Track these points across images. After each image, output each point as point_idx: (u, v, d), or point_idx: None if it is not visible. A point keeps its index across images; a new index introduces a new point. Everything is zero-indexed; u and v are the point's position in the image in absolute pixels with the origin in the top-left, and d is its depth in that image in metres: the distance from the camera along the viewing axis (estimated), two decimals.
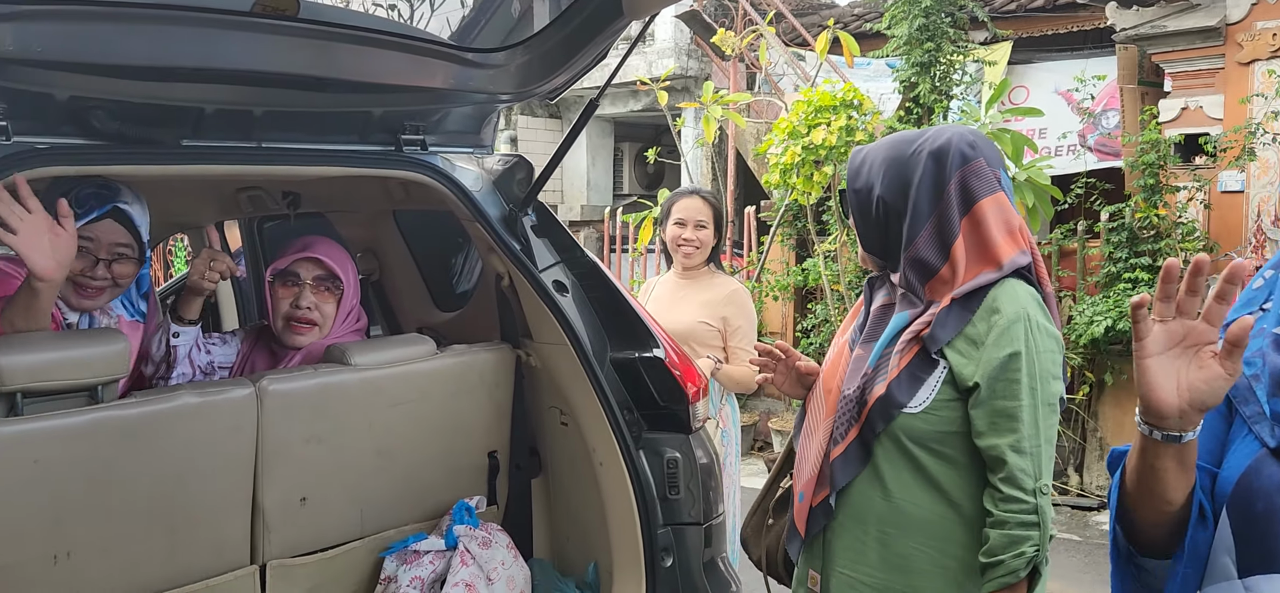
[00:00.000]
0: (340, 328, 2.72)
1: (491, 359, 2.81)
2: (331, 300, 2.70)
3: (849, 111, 6.72)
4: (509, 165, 2.82)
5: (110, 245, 2.38)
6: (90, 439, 2.10)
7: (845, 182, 2.11)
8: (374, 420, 2.56)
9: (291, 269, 2.69)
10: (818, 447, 2.07)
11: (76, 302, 2.38)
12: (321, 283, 2.70)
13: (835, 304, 7.52)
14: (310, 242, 2.75)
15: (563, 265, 2.77)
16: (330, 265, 2.69)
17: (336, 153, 2.51)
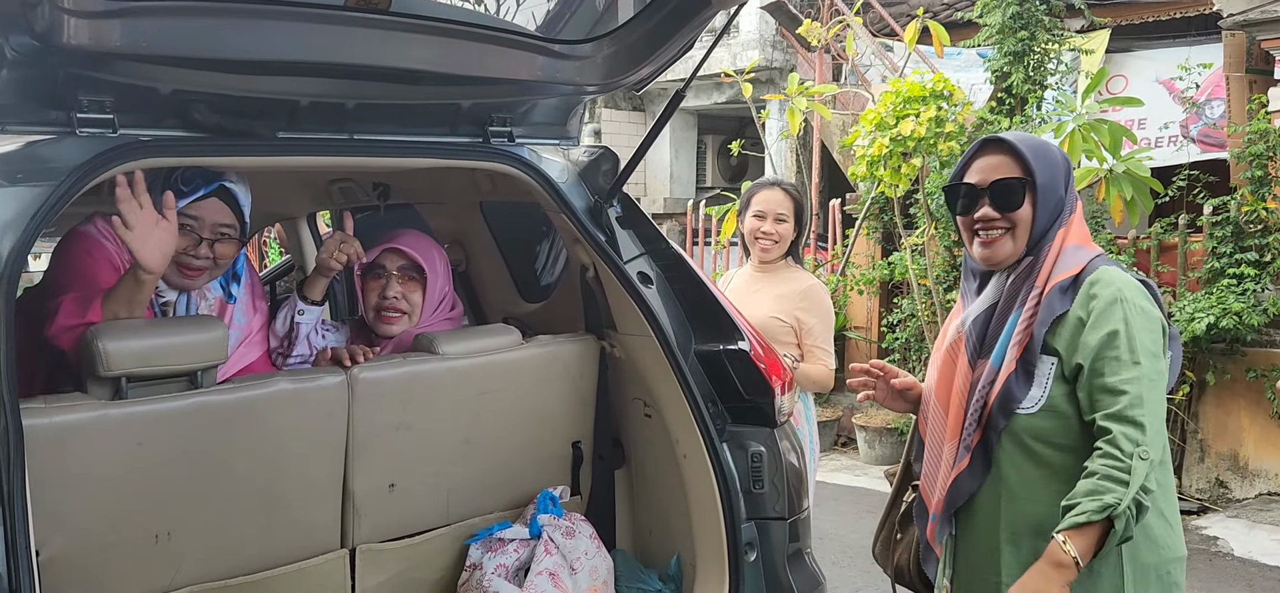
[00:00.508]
0: (432, 317, 2.77)
1: (576, 350, 2.82)
2: (417, 290, 2.75)
3: (939, 102, 6.58)
4: (594, 157, 2.82)
5: (214, 226, 2.43)
6: (191, 423, 2.16)
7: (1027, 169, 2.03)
8: (460, 409, 2.59)
9: (378, 262, 2.75)
10: (945, 465, 2.08)
11: (177, 281, 2.43)
12: (407, 273, 2.75)
13: (922, 299, 7.38)
14: (396, 234, 2.80)
15: (647, 257, 2.76)
16: (413, 255, 2.73)
17: (425, 144, 2.55)
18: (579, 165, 2.81)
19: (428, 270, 2.75)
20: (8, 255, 1.88)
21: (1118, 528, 1.79)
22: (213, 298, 2.54)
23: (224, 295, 2.56)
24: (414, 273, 2.75)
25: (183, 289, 2.46)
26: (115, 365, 2.05)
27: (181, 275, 2.43)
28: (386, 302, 2.71)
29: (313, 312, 2.66)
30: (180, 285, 2.44)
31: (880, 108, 6.70)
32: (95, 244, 2.38)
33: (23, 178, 1.97)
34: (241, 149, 2.26)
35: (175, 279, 2.43)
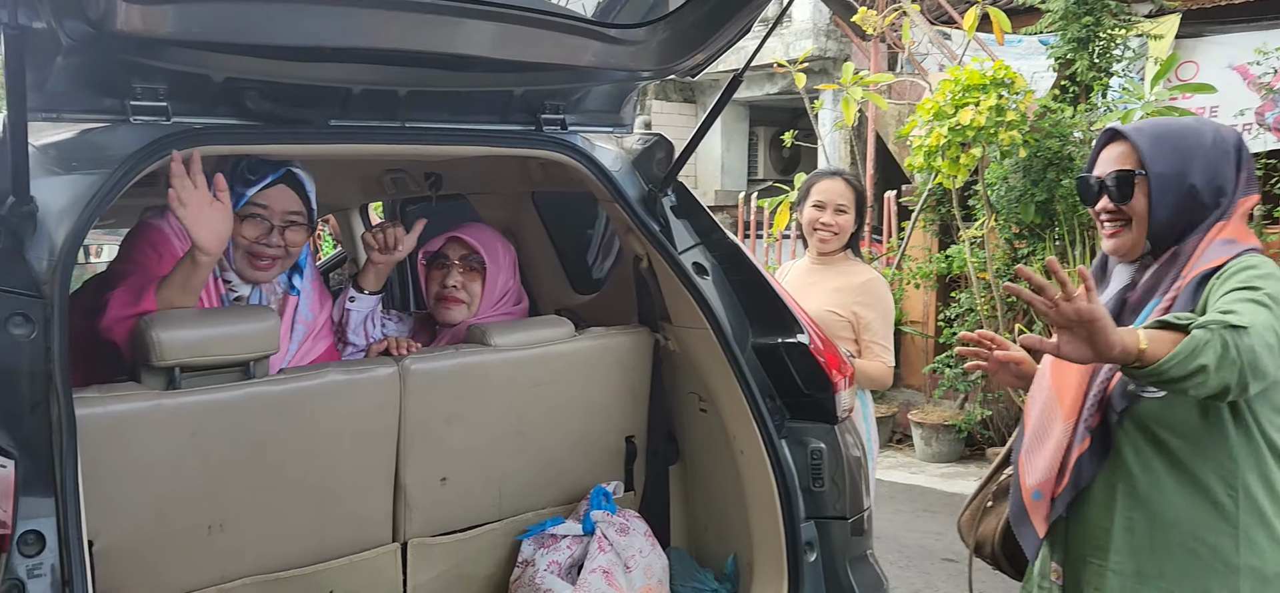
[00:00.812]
0: (493, 308, 2.75)
1: (629, 342, 2.76)
2: (478, 280, 2.74)
3: (999, 91, 6.42)
4: (648, 145, 2.76)
5: (283, 213, 2.41)
6: (243, 413, 2.14)
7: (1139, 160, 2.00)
8: (513, 401, 2.55)
9: (441, 251, 2.76)
10: (1055, 444, 2.01)
11: (249, 274, 2.42)
12: (468, 263, 2.73)
13: (981, 293, 7.21)
14: (462, 224, 2.81)
15: (703, 247, 2.70)
16: (474, 244, 2.71)
17: (478, 132, 2.51)
18: (633, 154, 2.75)
19: (488, 261, 2.73)
20: (62, 244, 1.87)
21: (1198, 341, 1.67)
22: (280, 291, 2.52)
23: (287, 288, 2.54)
24: (475, 263, 2.74)
25: (255, 282, 2.44)
26: (169, 355, 2.04)
27: (253, 267, 2.41)
28: (446, 291, 2.70)
29: (365, 301, 2.64)
30: (252, 278, 2.43)
31: (939, 97, 6.55)
32: (160, 235, 2.37)
33: (77, 166, 1.96)
34: (294, 137, 2.23)
35: (247, 272, 2.41)
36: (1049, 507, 2.04)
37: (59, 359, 1.75)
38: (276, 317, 2.21)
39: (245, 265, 2.40)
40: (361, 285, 2.64)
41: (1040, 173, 6.84)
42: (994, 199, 7.02)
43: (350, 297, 2.63)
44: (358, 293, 2.63)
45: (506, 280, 2.79)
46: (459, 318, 2.71)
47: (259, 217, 2.38)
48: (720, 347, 2.57)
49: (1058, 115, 6.83)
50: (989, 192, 6.98)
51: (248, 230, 2.37)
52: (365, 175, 3.94)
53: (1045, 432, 2.05)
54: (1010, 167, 6.95)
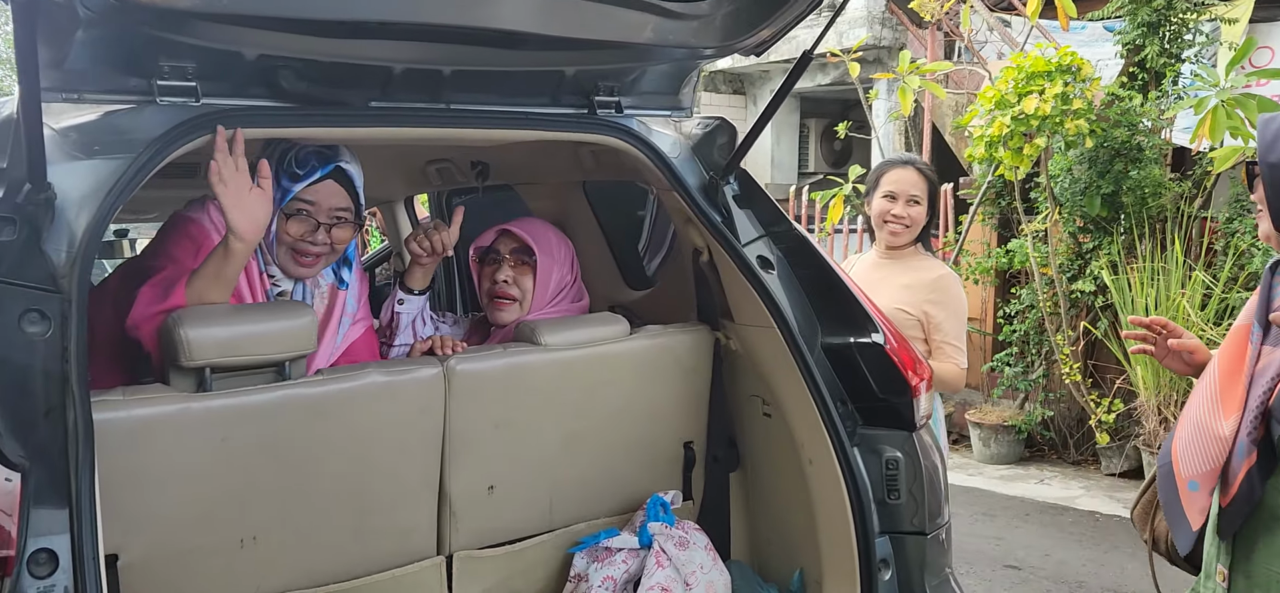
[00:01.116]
0: (549, 305, 2.59)
1: (688, 341, 2.58)
2: (529, 275, 2.59)
3: (1065, 78, 6.15)
4: (709, 129, 2.58)
5: (330, 210, 2.27)
6: (278, 418, 2.00)
7: (1256, 152, 1.95)
8: (564, 404, 2.38)
9: (493, 245, 2.62)
10: (1220, 440, 1.94)
11: (294, 270, 2.29)
12: (518, 257, 2.58)
13: (1043, 289, 6.93)
14: (518, 220, 2.67)
15: (767, 239, 2.51)
16: (522, 237, 2.55)
17: (527, 115, 2.34)
18: (692, 139, 2.57)
19: (539, 253, 2.57)
20: (82, 235, 1.72)
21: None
22: (325, 285, 2.39)
23: (336, 281, 2.41)
24: (525, 257, 2.58)
25: (298, 278, 2.31)
26: (198, 355, 1.89)
27: (297, 264, 2.29)
28: (497, 287, 2.54)
29: (413, 301, 2.50)
30: (296, 274, 2.30)
31: (1001, 85, 6.29)
32: (199, 229, 2.23)
33: (99, 150, 1.81)
34: (332, 119, 2.08)
35: (291, 268, 2.29)
36: (1208, 501, 1.98)
37: (76, 360, 1.60)
38: (313, 313, 2.06)
39: (289, 261, 2.27)
40: (409, 285, 2.50)
41: (1107, 164, 6.56)
42: (1058, 191, 6.75)
43: (398, 299, 2.49)
44: (406, 294, 2.49)
45: (562, 275, 2.62)
46: (511, 316, 2.55)
47: (305, 213, 2.24)
48: (787, 346, 2.38)
49: (1126, 104, 6.54)
50: (1052, 183, 6.70)
51: (293, 227, 2.24)
52: (409, 166, 3.80)
53: (1206, 426, 1.96)
54: (1075, 158, 6.68)
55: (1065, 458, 7.16)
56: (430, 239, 2.42)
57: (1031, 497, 6.39)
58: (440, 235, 2.42)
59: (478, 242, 2.64)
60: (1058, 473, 6.93)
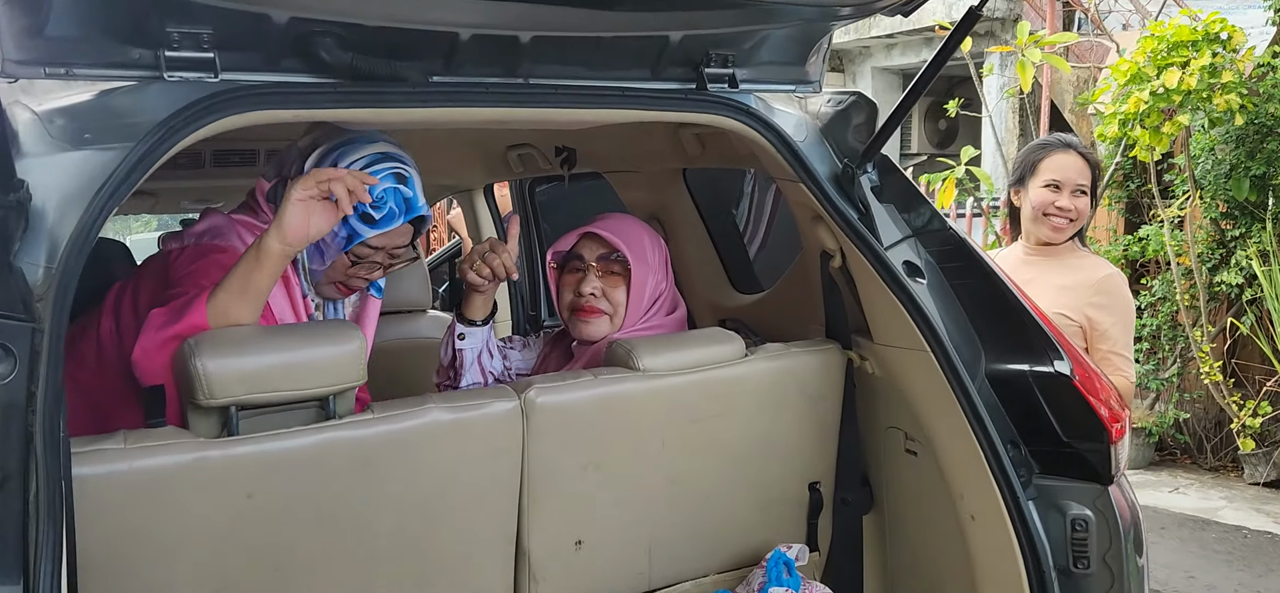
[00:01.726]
0: (641, 319, 2.17)
1: (815, 363, 2.13)
2: (621, 284, 2.17)
3: (1213, 47, 5.49)
4: (842, 107, 2.12)
5: (393, 250, 1.97)
6: (319, 467, 1.62)
7: None
8: (667, 441, 1.96)
9: (574, 251, 2.20)
10: None
11: (328, 293, 2.00)
12: (607, 264, 2.16)
13: (1180, 279, 6.26)
14: (599, 217, 2.24)
15: (916, 240, 2.06)
16: (613, 241, 2.13)
17: (622, 92, 1.91)
18: (822, 119, 2.12)
19: (633, 260, 2.15)
20: (65, 246, 1.36)
21: None
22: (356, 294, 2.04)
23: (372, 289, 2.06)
24: (616, 264, 2.16)
25: (331, 298, 2.02)
26: (220, 391, 1.52)
27: (338, 291, 1.99)
28: (582, 300, 2.13)
29: (476, 333, 2.11)
30: (332, 297, 2.01)
31: (1137, 56, 5.66)
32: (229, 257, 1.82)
33: (91, 139, 1.45)
34: (383, 99, 1.69)
35: (329, 292, 2.00)
36: None
37: (45, 410, 1.24)
38: (361, 338, 1.67)
39: (329, 289, 1.98)
40: (469, 316, 2.11)
41: (1257, 143, 5.87)
42: (1198, 174, 6.08)
43: (459, 334, 2.10)
44: (467, 327, 2.10)
45: (657, 283, 2.20)
46: (599, 333, 2.14)
47: (367, 258, 1.95)
48: (942, 372, 1.92)
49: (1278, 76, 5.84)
50: (1193, 165, 6.04)
51: (352, 269, 1.95)
52: (489, 152, 3.42)
53: None
54: (1220, 136, 6.00)
55: (1201, 464, 6.53)
56: (489, 264, 2.02)
57: (1166, 507, 5.79)
58: (500, 258, 2.01)
59: (557, 246, 2.23)
60: (1194, 480, 6.30)
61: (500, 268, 2.02)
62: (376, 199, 1.88)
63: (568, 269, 2.20)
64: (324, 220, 1.65)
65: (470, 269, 2.04)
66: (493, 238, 2.07)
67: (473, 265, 2.04)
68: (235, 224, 1.90)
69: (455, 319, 2.12)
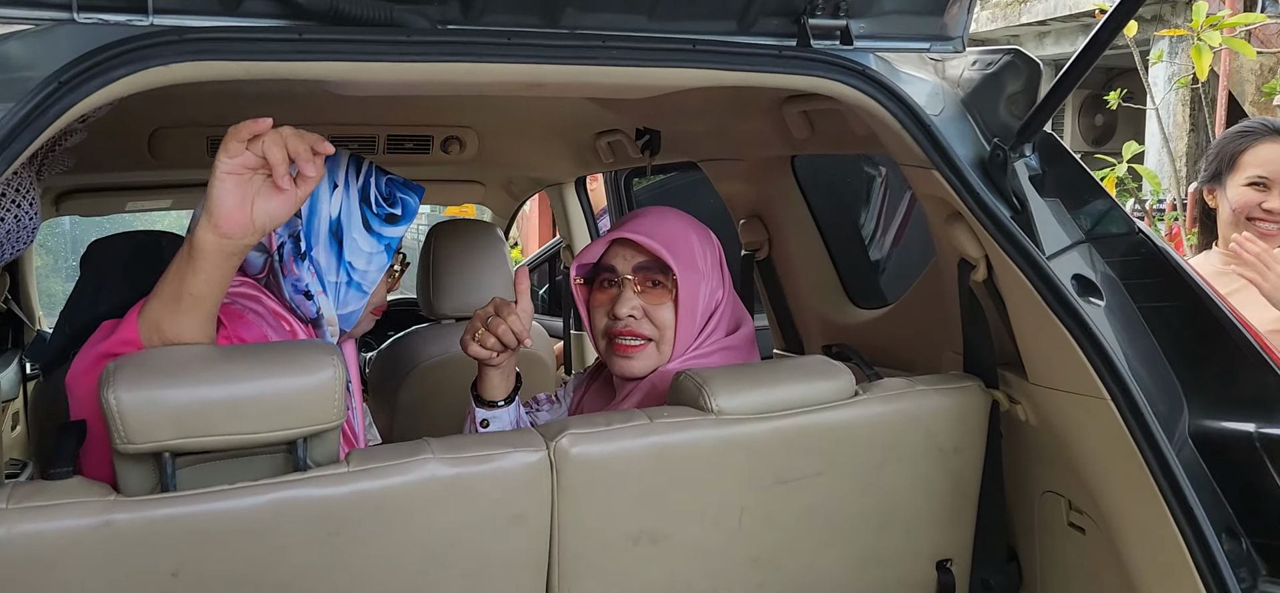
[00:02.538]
0: (695, 344, 1.70)
1: (949, 406, 1.63)
2: (667, 300, 1.69)
3: None
4: (991, 70, 1.61)
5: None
6: (271, 536, 1.23)
7: None
8: (748, 507, 1.49)
9: (603, 262, 1.72)
10: None
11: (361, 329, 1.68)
12: (647, 275, 1.69)
13: None
14: (631, 216, 1.76)
15: (1091, 247, 1.55)
16: (650, 246, 1.66)
17: (695, 47, 1.46)
18: (965, 86, 1.62)
19: (677, 267, 1.67)
20: None
21: None
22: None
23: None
24: (658, 274, 1.70)
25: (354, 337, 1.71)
26: (140, 433, 1.15)
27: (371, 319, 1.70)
28: (620, 325, 1.67)
29: (502, 414, 1.66)
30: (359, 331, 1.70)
31: None
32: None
33: None
34: (376, 50, 1.28)
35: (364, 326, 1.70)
36: None
37: None
38: (341, 361, 1.28)
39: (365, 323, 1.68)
40: (488, 397, 1.66)
41: None
42: None
43: (480, 420, 1.67)
44: (489, 410, 1.66)
45: (712, 292, 1.72)
46: (644, 367, 1.68)
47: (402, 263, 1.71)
48: (1125, 426, 1.41)
49: None
50: None
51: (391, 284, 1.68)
52: (578, 141, 3.02)
53: None
54: None
55: None
56: (493, 332, 1.58)
57: None
58: (507, 324, 1.57)
59: (581, 257, 1.76)
60: None
61: (508, 337, 1.57)
62: (386, 194, 1.57)
63: (598, 285, 1.74)
64: (275, 204, 1.23)
65: (472, 340, 1.60)
66: (498, 298, 1.61)
67: (474, 335, 1.59)
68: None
69: (473, 402, 1.70)
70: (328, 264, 1.53)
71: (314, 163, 1.23)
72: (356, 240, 1.54)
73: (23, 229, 1.40)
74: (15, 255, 1.43)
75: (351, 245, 1.54)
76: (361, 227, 1.54)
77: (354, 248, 1.54)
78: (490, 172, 3.56)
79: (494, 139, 3.01)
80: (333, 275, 1.54)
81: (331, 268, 1.54)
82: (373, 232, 1.55)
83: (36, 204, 1.42)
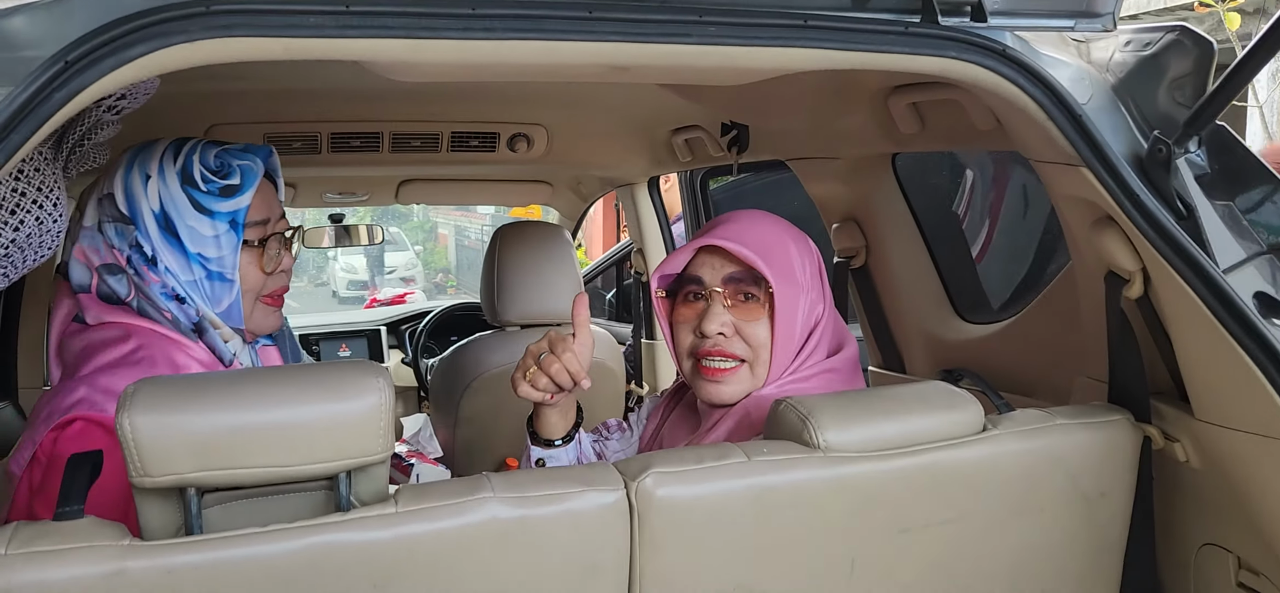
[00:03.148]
0: (792, 370, 1.49)
1: (1094, 443, 1.40)
2: (761, 315, 1.47)
3: None
4: (1150, 52, 1.38)
5: (278, 220, 1.52)
6: (311, 588, 1.05)
7: None
8: (860, 559, 1.28)
9: (689, 273, 1.51)
10: None
11: (265, 324, 1.51)
12: (736, 287, 1.48)
13: None
14: (720, 220, 1.53)
15: (1274, 260, 1.30)
16: (743, 255, 1.45)
17: (805, 23, 1.25)
18: (1117, 71, 1.39)
19: (775, 279, 1.46)
20: None
21: None
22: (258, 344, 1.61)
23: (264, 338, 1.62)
24: (751, 286, 1.48)
25: (268, 331, 1.53)
26: (158, 465, 0.99)
27: (271, 312, 1.52)
28: (709, 345, 1.46)
29: (560, 454, 1.47)
30: (271, 330, 1.53)
31: None
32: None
33: None
34: (434, 25, 1.10)
35: (266, 323, 1.52)
36: None
37: None
38: (389, 382, 1.10)
39: (263, 317, 1.50)
40: (544, 436, 1.47)
41: None
42: None
43: (535, 460, 1.47)
44: (545, 449, 1.47)
45: (812, 306, 1.50)
46: (736, 393, 1.47)
47: (273, 235, 1.50)
48: None
49: None
50: None
51: (268, 264, 1.48)
52: (652, 137, 2.83)
53: None
54: None
55: None
56: (546, 371, 1.37)
57: None
58: (562, 361, 1.36)
59: (663, 267, 1.55)
60: None
61: (563, 376, 1.37)
62: (217, 168, 1.43)
63: (683, 298, 1.52)
64: None
65: (523, 379, 1.40)
66: (553, 333, 1.41)
67: (526, 373, 1.39)
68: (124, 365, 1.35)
69: (529, 440, 1.50)
70: (178, 263, 1.39)
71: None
72: (194, 228, 1.39)
73: (46, 233, 1.25)
74: (38, 262, 1.28)
75: (191, 234, 1.39)
76: (193, 210, 1.39)
77: (194, 236, 1.39)
78: (558, 171, 3.39)
79: (564, 136, 2.83)
80: (187, 273, 1.39)
81: (183, 265, 1.39)
82: (208, 212, 1.40)
83: (62, 205, 1.27)
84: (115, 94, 1.27)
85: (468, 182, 3.46)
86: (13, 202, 1.20)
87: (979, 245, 2.43)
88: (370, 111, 2.53)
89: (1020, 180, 2.43)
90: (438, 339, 4.15)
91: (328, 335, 4.29)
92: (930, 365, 2.12)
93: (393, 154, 2.78)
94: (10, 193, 1.19)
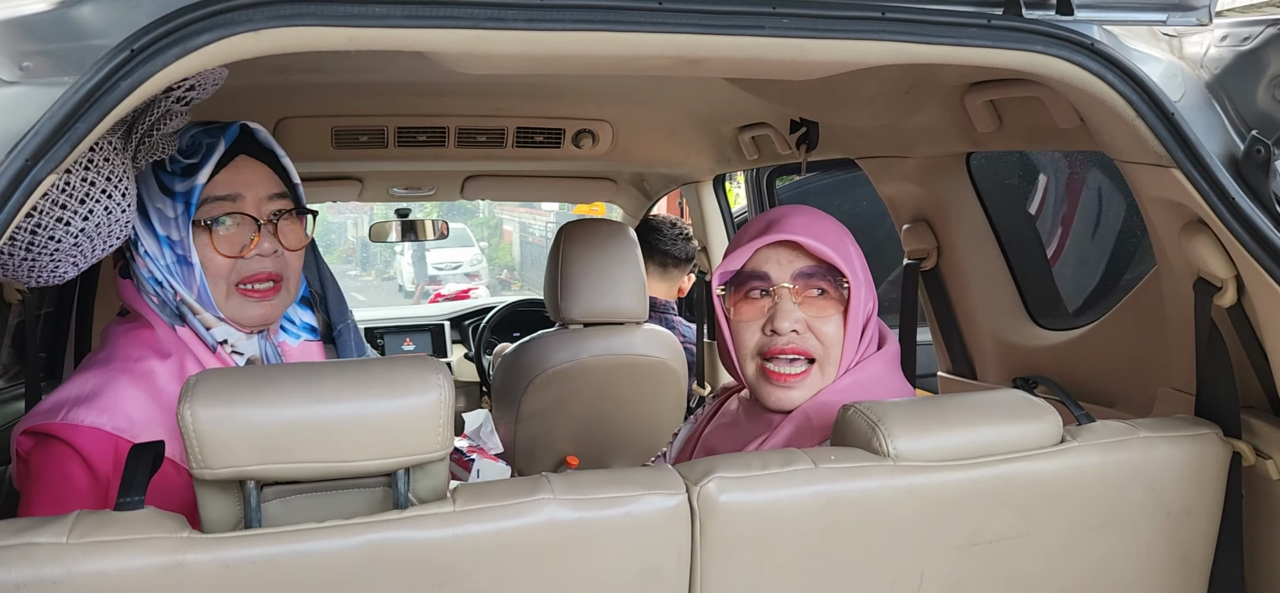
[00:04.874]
0: (854, 372, 1.44)
1: (1179, 457, 1.33)
2: (834, 312, 1.43)
3: None
4: (1248, 48, 1.31)
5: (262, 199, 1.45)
6: (369, 585, 1.04)
7: None
8: (929, 573, 1.24)
9: (751, 269, 1.46)
10: None
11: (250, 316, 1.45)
12: (807, 283, 1.43)
13: None
14: (780, 215, 1.47)
15: None
16: (816, 250, 1.41)
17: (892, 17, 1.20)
18: (1210, 67, 1.32)
19: (848, 273, 1.42)
20: None
21: None
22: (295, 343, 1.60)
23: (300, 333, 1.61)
24: (823, 281, 1.43)
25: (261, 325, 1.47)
26: (218, 457, 0.99)
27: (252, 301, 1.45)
28: (779, 342, 1.42)
29: None
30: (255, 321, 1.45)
31: None
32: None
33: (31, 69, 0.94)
34: (500, 16, 1.08)
35: (244, 313, 1.44)
36: None
37: None
38: (449, 379, 1.08)
39: (238, 306, 1.43)
40: None
41: None
42: None
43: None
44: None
45: (867, 303, 1.46)
46: (804, 397, 1.43)
47: (233, 215, 1.42)
48: None
49: None
50: None
51: (223, 246, 1.41)
52: (717, 135, 2.80)
53: None
54: None
55: None
56: None
57: None
58: None
59: (725, 263, 1.50)
60: None
61: None
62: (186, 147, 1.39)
63: (746, 296, 1.47)
64: None
65: None
66: None
67: None
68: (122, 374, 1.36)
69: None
70: (154, 246, 1.38)
71: None
72: (160, 209, 1.38)
73: (114, 223, 1.26)
74: (106, 252, 1.29)
75: (158, 216, 1.38)
76: (158, 190, 1.38)
77: (161, 217, 1.38)
78: (623, 168, 3.36)
79: (628, 132, 2.81)
80: (160, 256, 1.39)
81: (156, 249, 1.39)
82: (170, 193, 1.38)
83: (131, 196, 1.28)
84: (184, 85, 1.28)
85: (532, 178, 3.45)
86: (82, 191, 1.21)
87: (1053, 248, 2.36)
88: (436, 106, 2.53)
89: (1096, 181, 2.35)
90: (501, 335, 4.16)
91: (392, 329, 4.33)
92: (1003, 372, 2.06)
93: (458, 149, 2.78)
94: (80, 182, 1.20)
